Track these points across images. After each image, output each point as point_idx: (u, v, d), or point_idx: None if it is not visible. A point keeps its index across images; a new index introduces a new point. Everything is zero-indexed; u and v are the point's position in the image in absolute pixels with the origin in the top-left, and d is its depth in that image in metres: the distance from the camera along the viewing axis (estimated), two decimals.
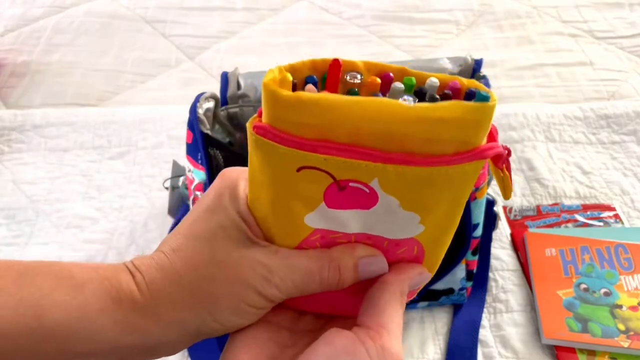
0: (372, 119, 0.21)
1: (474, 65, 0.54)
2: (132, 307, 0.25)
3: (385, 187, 0.23)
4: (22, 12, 1.11)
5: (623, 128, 0.79)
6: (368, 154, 0.22)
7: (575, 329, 0.55)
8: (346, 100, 0.21)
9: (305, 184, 0.24)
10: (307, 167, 0.23)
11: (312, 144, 0.22)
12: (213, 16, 1.09)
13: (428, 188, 0.23)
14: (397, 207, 0.24)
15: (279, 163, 0.23)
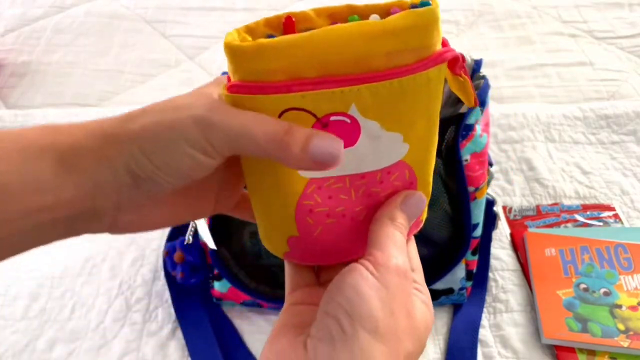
0: (335, 46, 0.22)
1: (474, 65, 0.54)
2: (67, 146, 0.24)
3: (363, 112, 0.24)
4: (23, 12, 1.11)
5: (623, 128, 0.79)
6: (340, 80, 0.23)
7: (575, 329, 0.55)
8: (307, 35, 0.22)
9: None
10: (287, 110, 0.23)
11: (286, 84, 0.23)
12: (213, 16, 1.10)
13: (402, 102, 0.24)
14: (380, 129, 0.25)
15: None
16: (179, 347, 0.57)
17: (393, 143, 0.26)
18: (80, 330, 0.58)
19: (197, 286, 0.59)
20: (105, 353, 0.56)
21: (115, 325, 0.59)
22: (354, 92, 0.23)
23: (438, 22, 0.24)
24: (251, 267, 0.56)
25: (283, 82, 0.23)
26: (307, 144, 0.24)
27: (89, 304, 0.61)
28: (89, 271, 0.64)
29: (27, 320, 0.59)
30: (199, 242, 0.56)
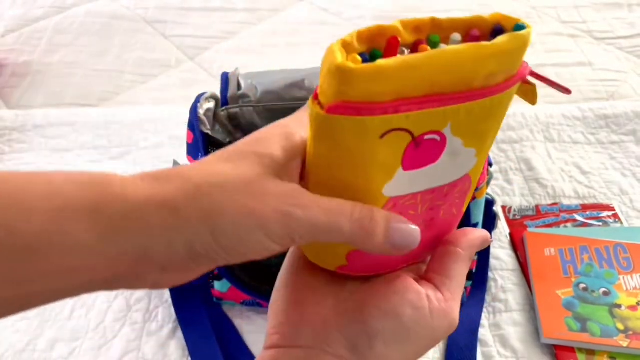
0: (447, 67, 0.22)
1: None
2: (116, 209, 0.21)
3: (455, 130, 0.24)
4: (23, 13, 1.11)
5: (622, 128, 0.79)
6: (443, 100, 0.23)
7: (574, 329, 0.55)
8: (422, 56, 0.22)
9: (386, 150, 0.24)
10: (390, 131, 0.23)
11: (394, 105, 0.22)
12: (213, 17, 1.10)
13: (487, 119, 0.25)
14: (461, 146, 0.25)
15: (362, 136, 0.23)
16: (179, 347, 0.57)
17: (467, 158, 0.27)
18: (80, 329, 0.58)
19: (197, 286, 0.59)
20: (105, 353, 0.56)
21: (115, 324, 0.59)
22: (454, 111, 0.24)
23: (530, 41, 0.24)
24: (251, 266, 0.56)
25: (391, 103, 0.22)
26: (388, 233, 0.24)
27: (90, 303, 0.61)
28: None
29: (27, 320, 0.59)
30: None
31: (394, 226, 0.24)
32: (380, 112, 0.22)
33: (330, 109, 0.23)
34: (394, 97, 0.22)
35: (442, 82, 0.23)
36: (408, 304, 0.26)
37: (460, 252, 0.29)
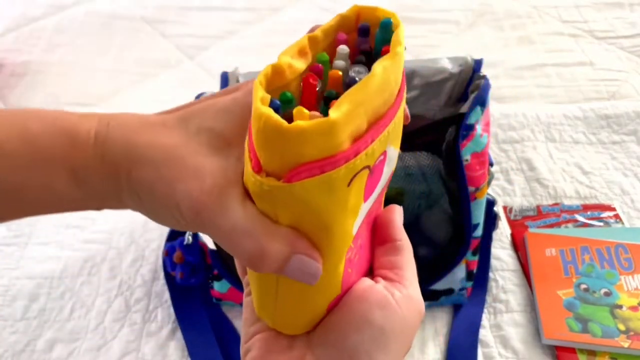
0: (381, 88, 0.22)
1: (474, 65, 0.54)
2: (81, 166, 0.25)
3: (390, 141, 0.24)
4: (22, 12, 1.11)
5: (623, 128, 0.79)
6: (385, 119, 0.23)
7: (575, 329, 0.55)
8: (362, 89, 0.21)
9: (353, 193, 0.23)
10: (356, 175, 0.22)
11: (353, 149, 0.21)
12: (213, 16, 1.09)
13: (399, 125, 0.25)
14: (393, 151, 0.25)
15: (331, 191, 0.22)
16: (178, 347, 0.57)
17: (394, 158, 0.26)
18: (79, 330, 0.58)
19: (197, 286, 0.59)
20: (105, 353, 0.56)
21: (115, 325, 0.59)
22: (391, 129, 0.23)
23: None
24: None
25: (351, 147, 0.21)
26: (283, 266, 0.24)
27: (89, 304, 0.61)
28: (88, 271, 0.64)
29: (26, 321, 0.59)
30: (199, 242, 0.56)
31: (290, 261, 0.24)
32: (344, 161, 0.21)
33: (291, 177, 0.21)
34: (350, 140, 0.21)
35: (379, 104, 0.22)
36: (375, 306, 0.26)
37: (398, 242, 0.29)
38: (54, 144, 0.24)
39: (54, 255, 0.65)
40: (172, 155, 0.24)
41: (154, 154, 0.24)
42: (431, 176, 0.53)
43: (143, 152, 0.24)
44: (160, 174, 0.24)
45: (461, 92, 0.54)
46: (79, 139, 0.25)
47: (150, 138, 0.25)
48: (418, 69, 0.54)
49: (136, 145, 0.25)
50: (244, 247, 0.23)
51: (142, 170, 0.24)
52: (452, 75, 0.54)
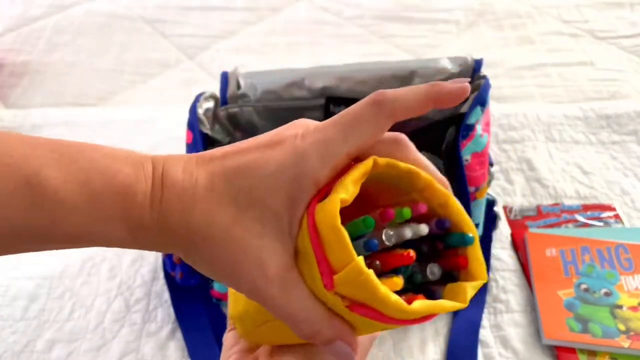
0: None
1: (474, 65, 0.54)
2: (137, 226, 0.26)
3: None
4: (22, 12, 1.11)
5: (623, 128, 0.79)
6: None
7: (575, 330, 0.55)
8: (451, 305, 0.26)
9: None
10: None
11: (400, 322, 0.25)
12: (213, 16, 1.09)
13: None
14: None
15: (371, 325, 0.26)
16: (178, 348, 0.57)
17: None
18: (79, 330, 0.58)
19: (196, 286, 0.59)
20: (104, 353, 0.56)
21: (114, 325, 0.59)
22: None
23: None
24: None
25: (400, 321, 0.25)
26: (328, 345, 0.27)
27: (88, 304, 0.61)
28: (88, 271, 0.64)
29: (26, 321, 0.59)
30: None
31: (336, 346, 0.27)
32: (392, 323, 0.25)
33: (353, 308, 0.25)
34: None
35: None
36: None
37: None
38: (114, 203, 0.25)
39: (53, 256, 0.65)
40: (230, 237, 0.25)
41: (212, 233, 0.25)
42: None
43: (201, 230, 0.25)
44: (220, 256, 0.25)
45: None
46: (136, 201, 0.25)
47: (205, 213, 0.25)
48: (418, 69, 0.54)
49: (193, 221, 0.25)
50: (301, 329, 0.26)
51: (201, 248, 0.26)
52: (452, 75, 0.54)
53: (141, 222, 0.25)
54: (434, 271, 0.27)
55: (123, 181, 0.25)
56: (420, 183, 0.27)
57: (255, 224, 0.25)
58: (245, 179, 0.25)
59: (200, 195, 0.25)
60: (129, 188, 0.25)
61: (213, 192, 0.25)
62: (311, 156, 0.25)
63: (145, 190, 0.26)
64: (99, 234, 0.25)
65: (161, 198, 0.26)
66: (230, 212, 0.25)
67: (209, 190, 0.25)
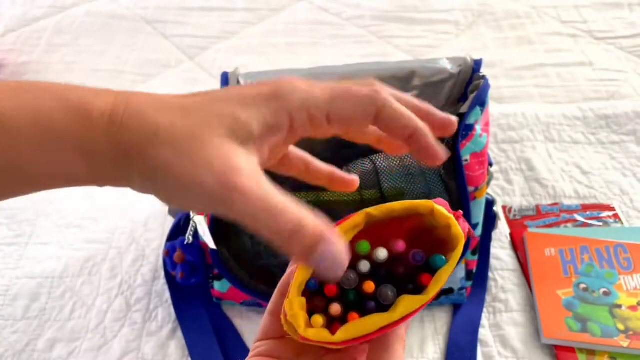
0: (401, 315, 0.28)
1: (474, 65, 0.54)
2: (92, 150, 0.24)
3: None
4: (23, 13, 1.11)
5: (622, 128, 0.79)
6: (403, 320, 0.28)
7: (574, 329, 0.55)
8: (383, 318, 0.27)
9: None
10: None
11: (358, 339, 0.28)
12: (213, 16, 1.10)
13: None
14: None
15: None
16: (179, 347, 0.57)
17: None
18: (80, 330, 0.58)
19: (197, 286, 0.59)
20: (105, 353, 0.56)
21: (115, 325, 0.59)
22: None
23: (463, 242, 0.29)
24: (251, 267, 0.56)
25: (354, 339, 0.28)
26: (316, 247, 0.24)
27: (89, 303, 0.61)
28: (89, 271, 0.64)
29: (27, 320, 0.59)
30: (199, 242, 0.57)
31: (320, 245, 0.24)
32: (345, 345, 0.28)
33: (304, 340, 0.28)
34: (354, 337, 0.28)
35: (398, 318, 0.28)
36: None
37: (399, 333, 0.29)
38: (66, 123, 0.24)
39: (54, 255, 0.66)
40: (193, 134, 0.24)
41: (174, 134, 0.24)
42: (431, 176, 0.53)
43: (161, 132, 0.24)
44: (180, 152, 0.24)
45: (461, 93, 0.54)
46: (92, 118, 0.24)
47: (169, 119, 0.25)
48: (418, 70, 0.54)
49: (155, 125, 0.24)
50: (283, 222, 0.24)
51: (160, 149, 0.24)
52: (451, 76, 0.54)
53: (96, 144, 0.24)
54: (386, 294, 0.28)
55: (79, 101, 0.24)
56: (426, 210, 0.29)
57: (223, 130, 0.25)
58: (222, 100, 0.26)
59: (167, 107, 0.25)
60: (86, 106, 0.24)
61: (184, 107, 0.25)
62: (293, 97, 0.26)
63: (104, 108, 0.24)
64: (47, 159, 0.24)
65: (123, 115, 0.24)
66: (198, 118, 0.25)
67: (179, 106, 0.25)
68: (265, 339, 0.32)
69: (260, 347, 0.31)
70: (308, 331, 0.28)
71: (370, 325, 0.27)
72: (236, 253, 0.56)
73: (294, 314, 0.28)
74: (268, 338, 0.32)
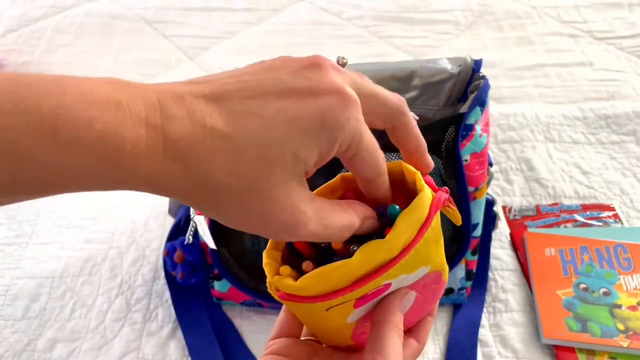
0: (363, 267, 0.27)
1: (474, 65, 0.54)
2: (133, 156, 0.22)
3: (394, 276, 0.29)
4: (23, 13, 1.11)
5: (622, 128, 0.79)
6: (374, 275, 0.27)
7: (574, 329, 0.55)
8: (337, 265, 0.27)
9: (336, 312, 0.29)
10: (332, 307, 0.28)
11: (326, 295, 0.27)
12: (213, 16, 1.10)
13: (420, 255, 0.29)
14: (406, 276, 0.29)
15: (310, 310, 0.29)
16: (179, 347, 0.57)
17: (419, 273, 0.30)
18: (80, 330, 0.58)
19: (197, 286, 0.59)
20: (105, 353, 0.56)
21: (115, 325, 0.59)
22: (383, 277, 0.28)
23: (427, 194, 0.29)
24: (251, 267, 0.56)
25: (325, 295, 0.28)
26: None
27: (89, 303, 0.61)
28: (89, 271, 0.64)
29: (27, 320, 0.59)
30: (199, 242, 0.57)
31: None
32: (318, 301, 0.27)
33: (281, 296, 0.29)
34: (324, 292, 0.27)
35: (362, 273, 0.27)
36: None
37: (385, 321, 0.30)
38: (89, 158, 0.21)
39: (54, 255, 0.66)
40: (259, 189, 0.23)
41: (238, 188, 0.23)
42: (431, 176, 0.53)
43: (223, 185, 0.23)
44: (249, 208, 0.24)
45: (461, 93, 0.54)
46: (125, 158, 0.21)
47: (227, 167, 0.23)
48: (418, 70, 0.54)
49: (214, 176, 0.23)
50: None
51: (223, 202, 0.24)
52: (451, 76, 0.54)
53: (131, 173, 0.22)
54: (353, 250, 0.29)
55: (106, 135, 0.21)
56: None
57: (284, 174, 0.24)
58: (274, 130, 0.23)
59: (218, 148, 0.22)
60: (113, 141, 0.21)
61: (233, 142, 0.23)
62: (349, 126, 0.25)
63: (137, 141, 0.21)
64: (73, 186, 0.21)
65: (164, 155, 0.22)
66: (254, 164, 0.23)
67: (229, 140, 0.23)
68: (280, 337, 0.32)
69: (274, 345, 0.32)
70: (275, 278, 0.29)
71: (330, 272, 0.27)
72: (236, 253, 0.56)
73: (266, 263, 0.30)
74: (282, 336, 0.32)
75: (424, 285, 0.31)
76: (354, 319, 0.30)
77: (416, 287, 0.31)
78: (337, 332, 0.31)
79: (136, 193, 0.73)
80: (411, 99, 0.54)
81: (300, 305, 0.28)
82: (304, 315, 0.31)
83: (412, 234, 0.28)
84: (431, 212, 0.29)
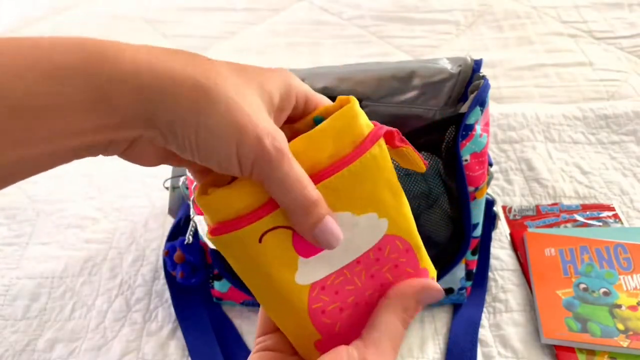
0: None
1: (474, 65, 0.54)
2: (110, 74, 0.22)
3: (332, 207, 0.27)
4: (23, 13, 1.11)
5: (622, 128, 0.79)
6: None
7: (574, 329, 0.55)
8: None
9: (272, 249, 0.26)
10: (264, 233, 0.26)
11: (254, 213, 0.26)
12: (213, 16, 1.10)
13: (359, 185, 0.27)
14: (352, 217, 0.27)
15: (243, 246, 0.26)
16: (179, 347, 0.57)
17: (371, 223, 0.28)
18: (80, 330, 0.58)
19: (197, 286, 0.59)
20: (105, 353, 0.56)
21: (115, 325, 0.59)
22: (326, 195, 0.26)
23: (356, 113, 0.27)
24: None
25: (252, 212, 0.26)
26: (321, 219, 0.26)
27: (89, 303, 0.61)
28: (89, 271, 0.64)
29: (27, 320, 0.59)
30: (199, 242, 0.57)
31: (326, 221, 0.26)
32: (246, 223, 0.26)
33: (211, 232, 0.26)
34: (253, 207, 0.26)
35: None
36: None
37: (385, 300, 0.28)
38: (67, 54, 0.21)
39: (54, 255, 0.66)
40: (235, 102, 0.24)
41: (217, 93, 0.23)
42: (431, 176, 0.53)
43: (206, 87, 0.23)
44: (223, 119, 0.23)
45: (461, 93, 0.54)
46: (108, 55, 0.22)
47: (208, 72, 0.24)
48: (418, 69, 0.54)
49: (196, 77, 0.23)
50: (307, 192, 0.25)
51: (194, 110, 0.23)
52: (451, 76, 0.54)
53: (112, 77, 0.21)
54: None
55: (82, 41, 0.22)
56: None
57: (256, 99, 0.25)
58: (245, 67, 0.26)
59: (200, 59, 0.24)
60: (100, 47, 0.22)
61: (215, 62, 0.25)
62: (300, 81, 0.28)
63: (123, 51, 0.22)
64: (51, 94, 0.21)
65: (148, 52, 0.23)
66: (235, 80, 0.24)
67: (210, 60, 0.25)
68: (266, 334, 0.32)
69: (264, 342, 0.31)
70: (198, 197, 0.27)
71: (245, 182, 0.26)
72: None
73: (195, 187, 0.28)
74: (268, 332, 0.32)
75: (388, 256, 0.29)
76: (305, 279, 0.28)
77: (378, 253, 0.29)
78: (289, 306, 0.28)
79: (136, 193, 0.73)
80: (411, 99, 0.54)
81: (234, 245, 0.26)
82: (243, 269, 0.28)
83: (344, 149, 0.27)
84: (369, 137, 0.27)
